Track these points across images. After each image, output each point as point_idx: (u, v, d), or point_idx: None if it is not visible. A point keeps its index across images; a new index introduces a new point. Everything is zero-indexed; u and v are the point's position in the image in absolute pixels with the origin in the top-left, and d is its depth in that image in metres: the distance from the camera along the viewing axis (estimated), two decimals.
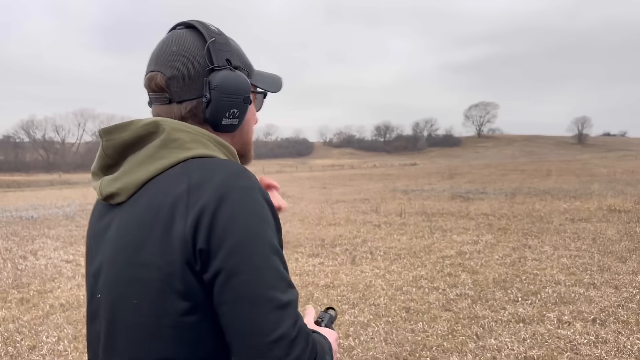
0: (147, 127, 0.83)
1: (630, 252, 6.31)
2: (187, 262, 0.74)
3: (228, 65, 0.89)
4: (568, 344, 3.57)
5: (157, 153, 0.82)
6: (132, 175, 0.82)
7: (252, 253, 0.73)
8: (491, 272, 5.61)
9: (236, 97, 0.88)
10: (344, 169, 55.45)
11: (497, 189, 16.24)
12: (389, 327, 3.99)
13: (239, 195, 0.76)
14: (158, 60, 0.88)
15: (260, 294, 0.72)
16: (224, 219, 0.73)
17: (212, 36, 0.88)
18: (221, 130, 0.91)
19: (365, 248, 7.02)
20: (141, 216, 0.78)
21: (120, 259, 0.79)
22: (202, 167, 0.79)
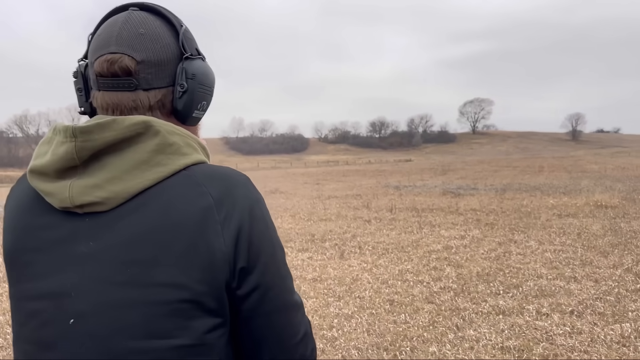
0: (135, 127, 0.73)
1: (613, 246, 6.44)
2: (225, 280, 0.73)
3: (198, 55, 0.86)
4: (544, 334, 3.69)
5: (153, 159, 0.73)
6: (121, 183, 0.72)
7: (279, 265, 0.80)
8: (475, 266, 5.72)
9: (208, 89, 0.86)
10: (338, 165, 55.58)
11: (488, 185, 16.39)
12: (372, 319, 4.10)
13: (260, 210, 0.78)
14: (121, 40, 0.77)
15: (289, 300, 0.80)
16: (258, 236, 0.76)
17: (181, 24, 0.83)
18: (188, 123, 0.86)
19: (354, 243, 7.12)
20: (150, 231, 0.70)
21: (118, 278, 0.69)
22: (214, 178, 0.76)
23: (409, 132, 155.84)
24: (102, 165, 0.73)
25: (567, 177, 18.89)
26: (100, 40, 0.79)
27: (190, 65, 0.82)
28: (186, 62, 0.82)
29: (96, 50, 0.79)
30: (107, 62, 0.77)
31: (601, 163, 30.17)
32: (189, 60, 0.82)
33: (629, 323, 3.83)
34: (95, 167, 0.73)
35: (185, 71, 0.81)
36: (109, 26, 0.80)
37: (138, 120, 0.73)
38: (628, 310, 4.11)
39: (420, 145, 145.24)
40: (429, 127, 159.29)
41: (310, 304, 4.47)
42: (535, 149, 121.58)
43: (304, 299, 4.64)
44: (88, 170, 0.73)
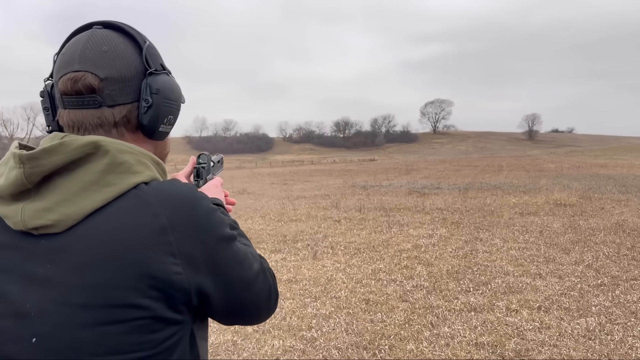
0: (83, 149, 0.73)
1: (573, 243, 6.74)
2: (185, 298, 0.75)
3: (163, 70, 0.87)
4: (515, 330, 3.84)
5: (102, 179, 0.73)
6: (71, 205, 0.72)
7: (238, 268, 0.84)
8: (445, 264, 5.88)
9: (174, 103, 0.87)
10: (304, 165, 55.58)
11: (451, 184, 16.78)
12: (349, 318, 4.16)
13: (213, 225, 0.79)
14: (84, 59, 0.78)
15: (250, 283, 0.88)
16: (214, 253, 0.79)
17: (144, 40, 0.85)
18: (154, 138, 0.87)
19: (327, 243, 7.19)
20: (104, 254, 0.71)
21: (76, 301, 0.70)
22: (164, 197, 0.76)
23: (373, 132, 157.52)
24: (53, 188, 0.73)
25: (526, 176, 19.54)
26: (64, 59, 0.80)
27: (154, 80, 0.83)
28: (150, 77, 0.83)
29: (60, 69, 0.80)
30: (71, 81, 0.78)
31: (557, 162, 31.34)
32: (154, 76, 0.83)
33: (592, 317, 4.03)
34: (46, 189, 0.73)
35: (149, 86, 0.82)
36: (73, 45, 0.81)
37: (86, 141, 0.74)
38: (591, 305, 4.33)
39: (383, 145, 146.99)
40: (391, 127, 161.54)
41: (288, 305, 4.50)
42: (494, 148, 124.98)
43: (280, 300, 4.66)
44: (40, 192, 0.73)
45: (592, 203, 10.62)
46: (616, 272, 5.27)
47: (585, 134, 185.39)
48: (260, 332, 3.93)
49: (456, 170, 26.35)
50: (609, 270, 5.38)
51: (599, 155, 45.32)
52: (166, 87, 0.85)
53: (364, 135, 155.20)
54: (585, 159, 34.65)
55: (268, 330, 3.96)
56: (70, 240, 0.72)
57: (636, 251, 6.18)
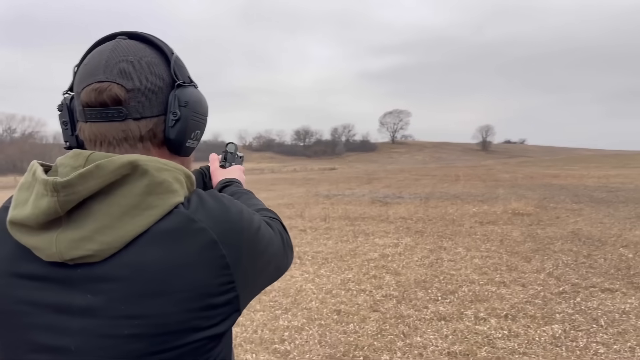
0: (120, 170, 0.68)
1: (533, 252, 6.96)
2: (235, 308, 0.75)
3: (191, 82, 0.83)
4: (485, 338, 3.91)
5: (143, 202, 0.69)
6: (112, 233, 0.67)
7: (275, 257, 0.88)
8: (412, 273, 5.94)
9: (202, 118, 0.84)
10: (264, 173, 55.24)
11: (412, 193, 17.05)
12: (322, 330, 4.14)
13: (260, 236, 0.80)
14: (109, 69, 0.74)
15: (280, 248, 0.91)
16: (262, 261, 0.81)
17: (172, 51, 0.81)
18: (181, 154, 0.83)
19: (294, 253, 7.13)
20: (151, 280, 0.67)
21: (124, 332, 0.66)
22: (208, 210, 0.74)
23: (333, 141, 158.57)
24: (89, 214, 0.68)
25: (483, 186, 20.10)
26: (87, 69, 0.76)
27: (182, 92, 0.79)
28: (178, 89, 0.79)
29: (83, 79, 0.76)
30: (95, 92, 0.74)
31: (511, 172, 32.41)
32: (182, 88, 0.80)
33: (557, 324, 4.16)
34: (81, 215, 0.68)
35: (177, 99, 0.78)
36: (97, 55, 0.77)
37: (123, 162, 0.69)
38: (555, 312, 4.46)
39: (343, 154, 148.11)
40: (351, 136, 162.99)
41: (259, 318, 4.43)
42: (450, 158, 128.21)
43: (250, 312, 4.59)
44: (73, 219, 0.68)
45: (547, 212, 11.02)
46: (576, 280, 5.47)
47: (537, 145, 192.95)
48: (232, 346, 3.84)
49: (415, 179, 26.83)
50: (569, 278, 5.57)
51: (550, 165, 47.20)
52: (195, 100, 0.82)
53: (324, 144, 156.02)
54: (537, 169, 36.00)
55: (240, 344, 3.88)
56: (113, 268, 0.68)
57: (592, 259, 6.44)
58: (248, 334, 4.07)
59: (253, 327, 4.20)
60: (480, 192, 16.93)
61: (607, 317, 4.30)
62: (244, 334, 4.05)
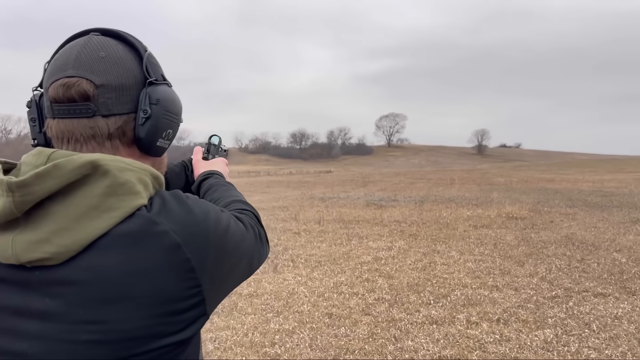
0: (80, 170, 0.66)
1: (526, 256, 6.95)
2: (201, 312, 0.72)
3: (164, 81, 0.82)
4: (476, 342, 3.89)
5: (103, 203, 0.66)
6: (70, 235, 0.64)
7: (248, 256, 0.85)
8: (405, 276, 5.92)
9: (175, 117, 0.82)
10: (260, 176, 55.22)
11: (407, 196, 17.06)
12: (313, 333, 4.11)
13: (227, 234, 0.76)
14: (79, 64, 0.72)
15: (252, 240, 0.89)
16: (230, 261, 0.78)
17: (145, 49, 0.80)
18: (151, 154, 0.80)
19: (287, 256, 7.11)
20: (112, 285, 0.64)
21: (82, 337, 0.63)
22: (170, 210, 0.71)
23: (329, 143, 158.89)
24: (47, 215, 0.65)
25: (478, 190, 20.13)
26: (57, 64, 0.74)
27: (154, 90, 0.77)
28: (150, 87, 0.77)
29: (52, 74, 0.74)
30: (63, 87, 0.72)
31: (506, 176, 32.51)
32: (154, 85, 0.78)
33: (549, 329, 4.14)
34: (38, 216, 0.65)
35: (149, 96, 0.77)
36: (68, 50, 0.75)
37: (83, 161, 0.66)
38: (547, 316, 4.45)
39: (339, 156, 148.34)
40: (347, 139, 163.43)
41: (250, 321, 4.39)
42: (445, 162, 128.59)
43: (241, 315, 4.55)
44: (31, 220, 0.65)
45: (541, 216, 11.03)
46: (568, 284, 5.46)
47: (532, 149, 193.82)
48: (222, 349, 3.81)
49: (411, 182, 26.86)
50: (562, 282, 5.56)
51: (545, 170, 47.39)
52: (167, 98, 0.79)
53: (320, 147, 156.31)
54: (532, 173, 36.12)
55: (230, 347, 3.84)
56: (72, 272, 0.64)
57: (585, 264, 6.43)
58: (238, 337, 4.03)
59: (244, 330, 4.16)
60: (474, 195, 16.96)
61: (599, 322, 4.29)
62: (235, 337, 4.01)
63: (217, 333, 4.11)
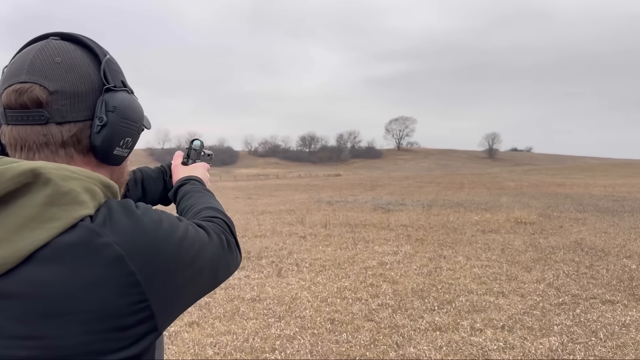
0: (19, 178, 0.63)
1: (534, 262, 6.85)
2: (151, 326, 0.68)
3: (124, 87, 0.79)
4: (480, 350, 3.83)
5: (44, 213, 0.63)
6: (9, 246, 0.61)
7: (204, 267, 0.80)
8: (410, 281, 5.86)
9: (133, 124, 0.79)
10: (269, 179, 55.31)
11: (415, 200, 16.97)
12: (314, 339, 4.06)
13: (173, 245, 0.72)
14: (33, 69, 0.70)
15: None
16: (181, 276, 0.73)
17: (105, 54, 0.77)
18: (108, 162, 0.78)
19: (291, 260, 7.07)
20: (52, 298, 0.61)
21: (20, 353, 0.61)
22: (115, 221, 0.67)
23: (338, 147, 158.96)
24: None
25: (487, 194, 19.99)
26: (12, 69, 0.72)
27: (112, 97, 0.75)
28: (107, 94, 0.75)
29: (6, 80, 0.72)
30: (16, 92, 0.70)
31: (517, 180, 32.24)
32: (111, 92, 0.75)
33: (555, 337, 4.06)
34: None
35: (105, 103, 0.74)
36: (23, 55, 0.73)
37: (23, 169, 0.63)
38: (553, 324, 4.37)
39: (348, 160, 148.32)
40: (357, 142, 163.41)
41: (251, 326, 4.36)
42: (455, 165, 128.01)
43: (242, 320, 4.52)
44: None
45: (551, 221, 10.90)
46: (576, 291, 5.37)
47: (543, 153, 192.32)
48: (222, 354, 3.78)
49: (419, 186, 26.73)
50: (569, 289, 5.47)
51: (556, 174, 46.92)
52: (125, 105, 0.76)
53: (330, 150, 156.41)
54: (543, 177, 35.79)
55: (230, 352, 3.81)
56: (10, 285, 0.61)
57: (594, 270, 6.33)
58: (239, 342, 4.00)
59: (244, 336, 4.13)
60: (484, 200, 16.82)
61: (606, 330, 4.21)
62: (235, 342, 3.98)
63: (218, 338, 4.08)
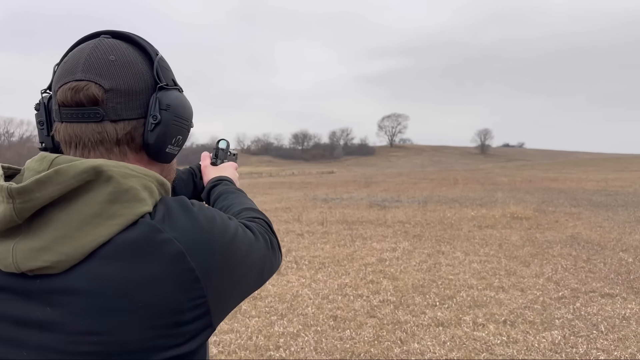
0: (82, 176, 0.64)
1: (532, 256, 6.90)
2: (204, 325, 0.69)
3: (175, 86, 0.80)
4: (483, 345, 3.85)
5: (106, 210, 0.64)
6: (72, 243, 0.62)
7: (255, 274, 0.82)
8: (410, 277, 5.88)
9: (185, 122, 0.80)
10: (262, 177, 55.23)
11: (410, 197, 17.01)
12: (318, 337, 4.07)
13: (234, 246, 0.73)
14: (88, 67, 0.70)
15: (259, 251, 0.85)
16: (236, 275, 0.74)
17: (156, 52, 0.78)
18: (160, 160, 0.79)
19: (290, 258, 7.07)
20: (113, 294, 0.62)
21: (82, 349, 0.62)
22: (176, 219, 0.68)
23: (331, 144, 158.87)
24: (48, 222, 0.64)
25: (481, 190, 20.07)
26: (66, 67, 0.73)
27: (165, 95, 0.76)
28: (160, 92, 0.76)
29: (60, 78, 0.73)
30: (72, 90, 0.70)
31: (510, 176, 32.40)
32: (164, 91, 0.76)
33: (557, 330, 4.09)
34: (40, 224, 0.64)
35: (159, 101, 0.75)
36: (77, 53, 0.74)
37: (86, 167, 0.64)
38: (554, 317, 4.40)
39: (341, 157, 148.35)
40: (349, 140, 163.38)
41: (254, 324, 4.36)
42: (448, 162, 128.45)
43: (245, 318, 4.52)
44: (32, 228, 0.64)
45: (546, 216, 10.97)
46: (575, 285, 5.41)
47: (535, 149, 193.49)
48: (226, 352, 3.77)
49: (414, 183, 26.80)
50: (568, 282, 5.51)
51: (549, 169, 47.21)
52: (177, 103, 0.77)
53: (323, 147, 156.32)
54: (536, 172, 36.00)
55: (234, 350, 3.81)
56: (74, 280, 0.63)
57: (592, 263, 6.38)
58: (242, 340, 4.00)
59: (248, 334, 4.13)
60: (478, 195, 16.90)
61: (607, 323, 4.24)
62: (239, 341, 3.98)
63: (221, 336, 4.07)
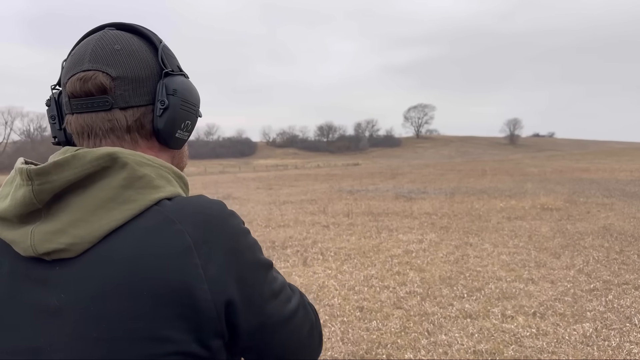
0: (98, 161, 0.66)
1: (563, 248, 6.76)
2: (214, 329, 0.67)
3: (180, 71, 0.81)
4: (512, 337, 3.80)
5: (120, 195, 0.66)
6: (87, 226, 0.64)
7: (270, 295, 0.75)
8: (437, 269, 5.84)
9: (192, 107, 0.81)
10: (288, 169, 55.49)
11: (437, 188, 16.84)
12: (344, 327, 4.09)
13: (245, 246, 0.72)
14: (95, 58, 0.72)
15: (287, 316, 0.78)
16: (245, 278, 0.70)
17: (160, 40, 0.79)
18: (170, 146, 0.79)
19: (316, 249, 7.10)
20: (123, 279, 0.63)
21: (93, 334, 0.63)
22: (189, 213, 0.68)
23: (356, 136, 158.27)
24: (65, 207, 0.66)
25: (511, 180, 19.72)
26: (74, 59, 0.75)
27: (171, 80, 0.77)
28: (167, 78, 0.77)
29: (69, 70, 0.75)
30: (80, 81, 0.72)
31: (540, 166, 31.74)
32: (170, 76, 0.77)
33: (588, 323, 4.01)
34: (58, 208, 0.66)
35: (165, 87, 0.76)
36: (83, 45, 0.76)
37: (102, 153, 0.67)
38: (586, 310, 4.31)
39: (367, 149, 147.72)
40: (375, 131, 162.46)
41: None
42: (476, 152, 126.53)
43: None
44: (52, 213, 0.66)
45: (577, 207, 10.72)
46: (607, 277, 5.29)
47: (566, 139, 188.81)
48: None
49: (441, 174, 26.49)
50: (600, 274, 5.39)
51: (580, 159, 46.06)
52: (184, 87, 0.78)
53: (348, 139, 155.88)
54: (567, 163, 35.17)
55: None
56: (85, 265, 0.65)
57: (625, 255, 6.22)
58: None
59: None
60: (507, 186, 16.61)
61: None
62: None
63: None
